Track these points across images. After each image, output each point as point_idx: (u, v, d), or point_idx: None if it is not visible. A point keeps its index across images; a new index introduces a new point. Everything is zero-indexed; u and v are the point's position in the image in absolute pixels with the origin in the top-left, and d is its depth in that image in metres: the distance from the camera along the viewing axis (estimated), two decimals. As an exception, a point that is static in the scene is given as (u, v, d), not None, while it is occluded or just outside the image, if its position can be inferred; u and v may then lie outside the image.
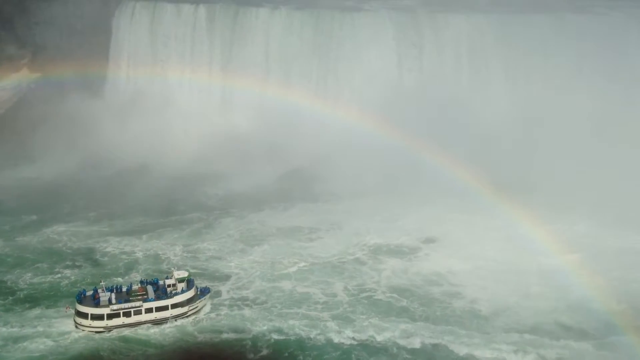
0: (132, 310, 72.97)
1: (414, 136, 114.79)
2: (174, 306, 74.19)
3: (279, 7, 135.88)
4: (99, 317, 72.02)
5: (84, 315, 71.94)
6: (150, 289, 76.21)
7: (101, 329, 72.05)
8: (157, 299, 74.41)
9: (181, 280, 76.25)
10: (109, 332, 72.14)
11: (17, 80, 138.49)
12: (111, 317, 72.33)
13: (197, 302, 75.99)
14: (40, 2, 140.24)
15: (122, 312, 72.65)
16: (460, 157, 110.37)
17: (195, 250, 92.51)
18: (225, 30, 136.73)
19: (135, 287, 76.66)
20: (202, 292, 77.56)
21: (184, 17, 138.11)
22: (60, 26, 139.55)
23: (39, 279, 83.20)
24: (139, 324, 73.15)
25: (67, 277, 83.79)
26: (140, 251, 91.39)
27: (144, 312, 73.37)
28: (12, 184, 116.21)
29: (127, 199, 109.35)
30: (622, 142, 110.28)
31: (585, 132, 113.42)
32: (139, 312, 73.19)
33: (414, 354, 69.36)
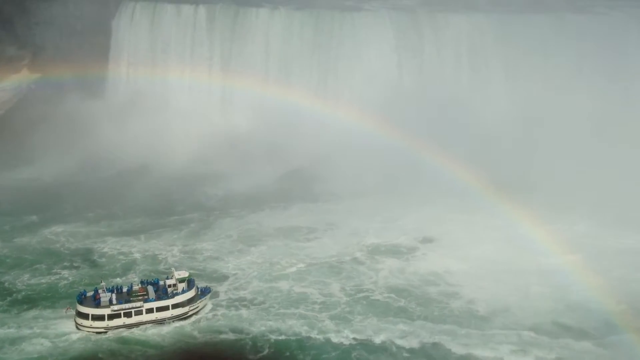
0: (132, 310, 72.98)
1: (414, 136, 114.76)
2: (175, 306, 74.20)
3: (279, 7, 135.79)
4: (100, 317, 72.01)
5: (85, 315, 71.95)
6: (150, 289, 76.20)
7: (102, 330, 72.06)
8: (158, 299, 74.40)
9: (182, 280, 76.29)
10: (107, 333, 72.08)
11: (17, 81, 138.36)
12: (112, 317, 72.35)
13: (198, 302, 76.05)
14: (40, 2, 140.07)
15: (122, 312, 72.67)
16: (460, 157, 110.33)
17: (193, 250, 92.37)
18: (225, 30, 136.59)
19: (135, 287, 76.64)
20: (203, 292, 77.63)
21: (184, 18, 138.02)
22: (60, 27, 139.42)
23: (37, 279, 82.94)
24: (139, 325, 73.18)
25: (65, 278, 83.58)
26: (138, 252, 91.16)
27: (144, 312, 73.39)
28: (12, 184, 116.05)
29: (127, 199, 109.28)
30: (622, 142, 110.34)
31: (585, 132, 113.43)
32: (139, 313, 73.21)
33: (413, 354, 69.36)
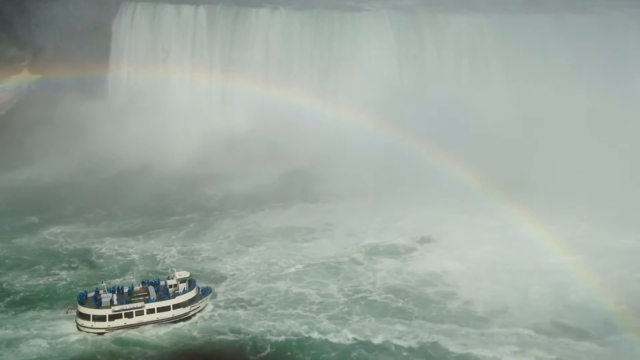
0: (134, 311, 73.04)
1: (414, 136, 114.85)
2: (176, 307, 74.24)
3: (279, 7, 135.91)
4: (101, 318, 72.05)
5: (86, 316, 72.00)
6: (152, 289, 76.26)
7: (103, 330, 72.14)
8: (159, 299, 74.46)
9: (183, 280, 76.32)
10: (108, 334, 72.11)
11: (17, 81, 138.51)
12: (113, 318, 72.39)
13: (199, 302, 76.12)
14: (40, 3, 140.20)
15: (124, 313, 72.73)
16: (460, 157, 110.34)
17: (191, 251, 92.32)
18: (225, 31, 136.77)
19: (137, 287, 76.70)
20: (204, 292, 77.74)
21: (185, 18, 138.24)
22: (60, 27, 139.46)
23: (35, 280, 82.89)
24: (141, 325, 73.22)
25: (64, 279, 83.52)
26: (136, 252, 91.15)
27: (145, 312, 73.45)
28: (12, 185, 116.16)
29: (126, 200, 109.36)
30: (622, 142, 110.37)
31: (585, 131, 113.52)
32: (140, 313, 73.27)
33: (412, 353, 69.40)
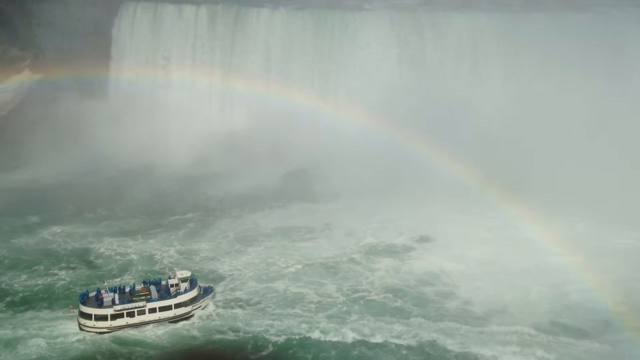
0: (135, 310, 73.08)
1: (414, 136, 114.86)
2: (177, 306, 74.29)
3: (280, 7, 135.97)
4: (103, 317, 72.11)
5: (88, 316, 72.06)
6: (153, 289, 76.34)
7: (105, 330, 72.15)
8: (161, 299, 74.49)
9: (184, 279, 76.36)
10: (107, 334, 72.03)
11: (18, 81, 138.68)
12: (115, 317, 72.44)
13: (200, 301, 76.19)
14: (41, 4, 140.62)
15: (125, 312, 72.77)
16: (460, 156, 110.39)
17: (190, 251, 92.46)
18: (226, 30, 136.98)
19: (138, 287, 76.75)
20: (205, 291, 77.82)
21: (185, 18, 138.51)
22: (61, 28, 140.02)
23: (34, 281, 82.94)
24: (142, 324, 73.27)
25: (62, 279, 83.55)
26: (135, 252, 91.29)
27: (147, 312, 73.48)
28: (13, 185, 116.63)
29: (127, 200, 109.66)
30: (622, 141, 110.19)
31: (584, 130, 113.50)
32: (142, 313, 73.31)
33: (411, 352, 69.42)
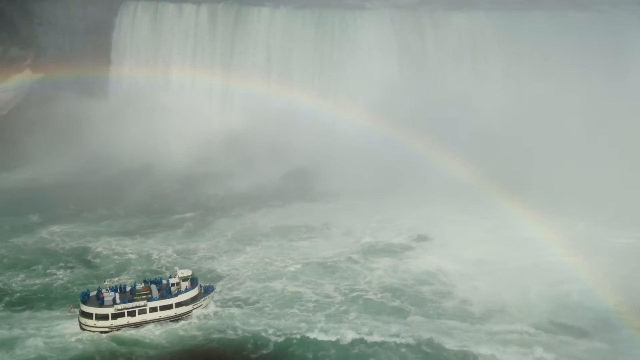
0: (136, 309, 73.08)
1: (414, 135, 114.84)
2: (178, 305, 74.31)
3: (280, 6, 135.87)
4: (104, 317, 72.11)
5: (89, 315, 72.06)
6: (154, 288, 76.31)
7: (106, 329, 72.18)
8: (161, 298, 74.47)
9: (185, 278, 76.28)
10: (106, 334, 71.98)
11: (19, 81, 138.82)
12: (116, 316, 72.45)
13: (201, 300, 76.19)
14: (42, 3, 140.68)
15: (126, 311, 72.78)
16: (460, 156, 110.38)
17: (188, 250, 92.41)
18: (226, 30, 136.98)
19: (139, 286, 76.72)
20: (206, 290, 77.79)
21: (186, 17, 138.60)
22: (62, 27, 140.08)
23: (32, 280, 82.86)
24: (143, 324, 73.30)
25: (60, 279, 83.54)
26: (133, 252, 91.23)
27: (148, 311, 73.47)
28: (13, 184, 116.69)
29: (127, 199, 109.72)
30: (622, 140, 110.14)
31: (584, 130, 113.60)
32: (143, 312, 73.31)
33: (410, 350, 69.34)
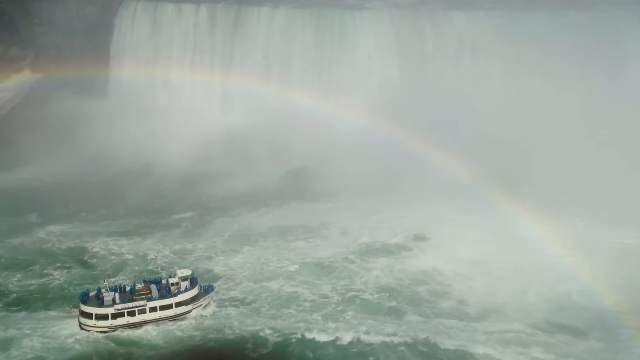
0: (136, 309, 73.02)
1: (413, 135, 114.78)
2: (178, 305, 74.27)
3: (280, 6, 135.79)
4: (104, 317, 72.04)
5: (89, 315, 71.98)
6: (154, 287, 76.24)
7: (106, 329, 72.11)
8: (161, 297, 74.40)
9: (184, 278, 76.22)
10: (103, 334, 71.86)
11: (19, 80, 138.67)
12: (115, 316, 72.38)
13: (201, 300, 76.13)
14: (42, 3, 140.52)
15: (126, 311, 72.71)
16: (459, 155, 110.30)
17: (185, 250, 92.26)
18: (226, 29, 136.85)
19: (139, 286, 76.68)
20: (206, 290, 77.69)
21: (186, 17, 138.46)
22: (62, 27, 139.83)
23: (29, 280, 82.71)
24: (143, 323, 73.24)
25: (57, 279, 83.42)
26: (130, 252, 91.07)
27: (148, 311, 73.40)
28: (12, 184, 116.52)
29: (126, 199, 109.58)
30: (622, 140, 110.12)
31: (584, 129, 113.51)
32: (143, 312, 73.24)
33: (407, 349, 69.27)
